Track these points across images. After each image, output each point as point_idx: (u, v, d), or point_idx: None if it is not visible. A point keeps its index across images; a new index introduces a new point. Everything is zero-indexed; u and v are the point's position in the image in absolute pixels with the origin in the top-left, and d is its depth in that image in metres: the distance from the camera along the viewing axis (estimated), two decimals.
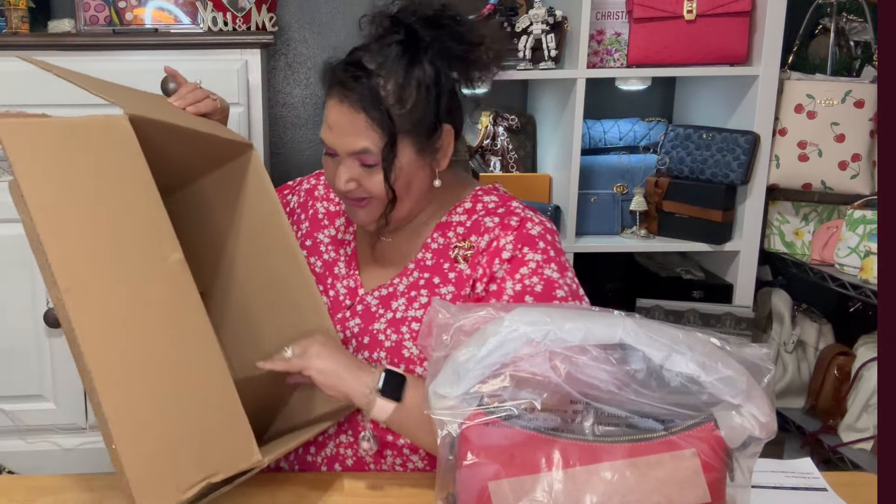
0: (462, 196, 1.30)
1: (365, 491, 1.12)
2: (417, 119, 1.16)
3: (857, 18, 2.20)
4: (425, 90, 1.16)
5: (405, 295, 1.24)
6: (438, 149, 1.21)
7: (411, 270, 1.26)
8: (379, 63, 1.16)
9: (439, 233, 1.27)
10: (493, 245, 1.21)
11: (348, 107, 1.16)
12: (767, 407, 0.82)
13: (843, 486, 1.09)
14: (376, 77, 1.15)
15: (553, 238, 1.24)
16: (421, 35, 1.17)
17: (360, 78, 1.15)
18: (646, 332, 0.83)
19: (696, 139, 2.16)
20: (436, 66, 1.17)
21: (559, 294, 1.17)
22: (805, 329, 2.28)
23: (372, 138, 1.15)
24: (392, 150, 1.16)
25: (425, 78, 1.16)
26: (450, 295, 1.21)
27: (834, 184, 2.11)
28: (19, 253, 1.92)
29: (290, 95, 2.38)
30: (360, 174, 1.19)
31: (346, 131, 1.17)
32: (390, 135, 1.15)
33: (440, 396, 0.86)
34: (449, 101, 1.19)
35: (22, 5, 1.88)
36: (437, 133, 1.19)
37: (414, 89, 1.15)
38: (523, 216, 1.25)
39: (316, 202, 1.40)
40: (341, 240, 1.35)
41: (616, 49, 2.13)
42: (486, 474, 0.82)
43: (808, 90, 2.10)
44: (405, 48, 1.16)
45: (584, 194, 2.16)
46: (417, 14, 1.18)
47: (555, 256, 1.21)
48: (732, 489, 0.84)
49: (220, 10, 1.90)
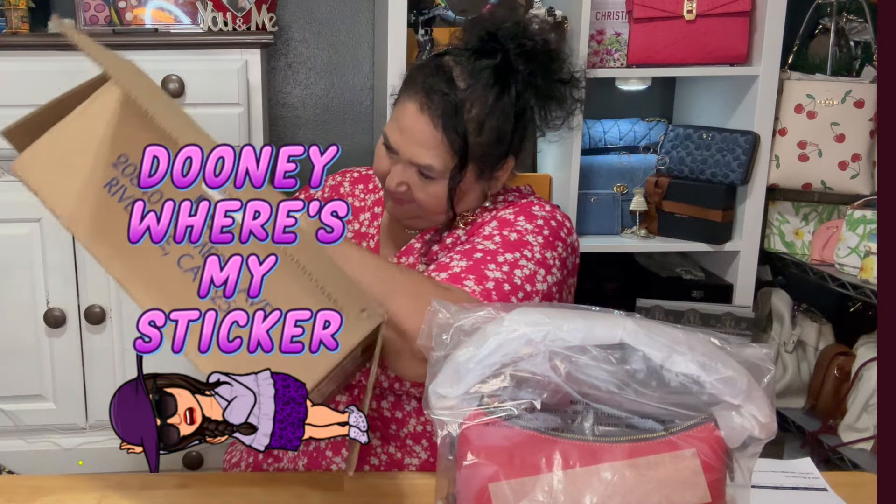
0: (482, 200, 1.30)
1: (365, 491, 1.12)
2: (490, 149, 1.17)
3: (857, 18, 2.20)
4: (505, 122, 1.16)
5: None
6: (498, 177, 1.22)
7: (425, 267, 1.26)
8: (470, 84, 1.15)
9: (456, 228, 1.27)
10: (497, 215, 1.22)
11: (427, 118, 1.15)
12: (767, 407, 0.82)
13: (843, 486, 1.09)
14: (463, 98, 1.14)
15: (559, 226, 1.22)
16: (515, 65, 1.16)
17: (448, 94, 1.14)
18: (646, 332, 0.83)
19: (696, 139, 2.16)
20: (522, 99, 1.16)
21: (526, 254, 1.13)
22: (805, 329, 2.28)
23: (441, 158, 1.15)
24: (460, 173, 1.16)
25: (508, 110, 1.16)
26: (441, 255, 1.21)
27: (834, 184, 2.11)
28: (19, 253, 1.92)
29: (290, 95, 2.38)
30: (414, 181, 1.19)
31: (417, 141, 1.16)
32: (461, 159, 1.15)
33: (440, 396, 0.86)
34: (523, 136, 1.20)
35: (22, 5, 1.88)
36: (502, 164, 1.20)
37: (496, 119, 1.15)
38: (535, 201, 1.25)
39: (343, 199, 1.40)
40: (364, 233, 1.36)
41: (616, 49, 2.13)
42: (485, 474, 0.82)
43: (808, 90, 2.10)
44: (498, 75, 1.15)
45: (584, 194, 2.16)
46: (518, 41, 1.17)
47: (547, 235, 1.19)
48: (732, 489, 0.83)
49: (220, 10, 1.90)
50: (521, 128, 1.20)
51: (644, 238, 2.21)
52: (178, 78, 1.83)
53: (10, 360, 1.96)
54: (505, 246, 1.14)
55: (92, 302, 1.94)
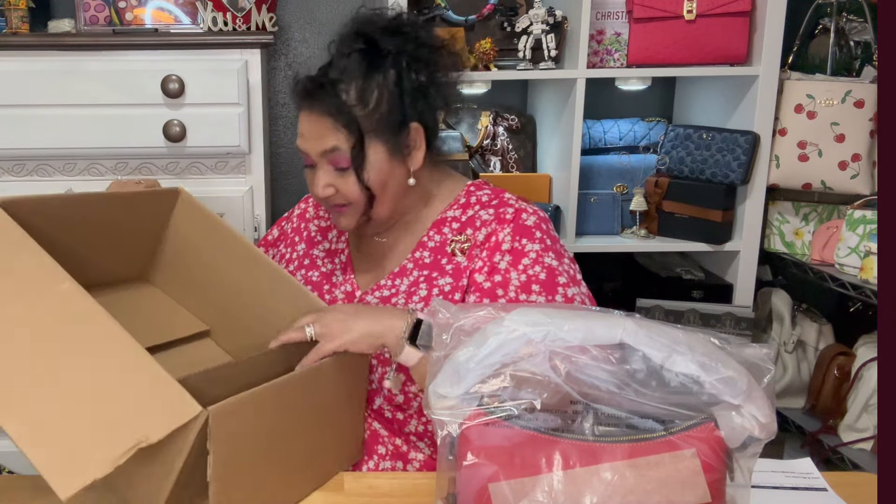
0: (455, 192, 1.33)
1: (365, 491, 1.12)
2: (383, 118, 1.22)
3: (857, 18, 2.20)
4: (388, 91, 1.22)
5: (405, 292, 1.27)
6: (410, 146, 1.25)
7: (410, 270, 1.28)
8: (341, 71, 1.23)
9: (435, 230, 1.30)
10: (491, 239, 1.24)
11: (317, 114, 1.23)
12: (767, 407, 0.82)
13: (843, 486, 1.09)
14: (339, 84, 1.22)
15: (547, 227, 1.28)
16: (382, 44, 1.23)
17: (325, 86, 1.23)
18: (646, 332, 0.83)
19: (696, 139, 2.16)
20: (397, 68, 1.23)
21: (561, 280, 1.21)
22: (805, 329, 2.28)
23: (339, 137, 1.21)
24: (361, 150, 1.21)
25: (387, 79, 1.22)
26: (448, 286, 1.24)
27: (834, 184, 2.11)
28: None
29: (290, 95, 2.38)
30: (335, 179, 1.24)
31: (316, 136, 1.23)
32: (358, 135, 1.21)
33: (440, 396, 0.86)
34: (414, 100, 1.24)
35: (22, 5, 1.88)
36: (405, 131, 1.24)
37: (375, 90, 1.22)
38: (518, 207, 1.28)
39: (308, 223, 1.46)
40: (334, 250, 1.40)
41: (616, 49, 2.13)
42: (485, 475, 0.82)
43: (808, 90, 2.10)
44: (365, 55, 1.23)
45: (584, 194, 2.16)
46: (376, 25, 1.26)
47: (551, 245, 1.25)
48: (732, 489, 0.83)
49: (220, 10, 1.90)
50: (409, 93, 1.24)
51: (644, 238, 2.21)
52: (178, 78, 1.83)
53: None
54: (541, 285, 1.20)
55: None
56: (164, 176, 1.94)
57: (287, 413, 1.01)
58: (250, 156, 1.92)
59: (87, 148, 1.88)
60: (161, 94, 1.84)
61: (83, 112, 1.86)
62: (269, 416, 0.97)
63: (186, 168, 1.94)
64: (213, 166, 1.93)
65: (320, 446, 1.10)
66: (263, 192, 1.96)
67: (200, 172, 1.94)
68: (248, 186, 1.94)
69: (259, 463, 0.97)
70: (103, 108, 1.86)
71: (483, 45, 2.05)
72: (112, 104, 1.86)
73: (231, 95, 1.86)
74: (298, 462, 1.05)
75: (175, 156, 1.92)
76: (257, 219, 1.95)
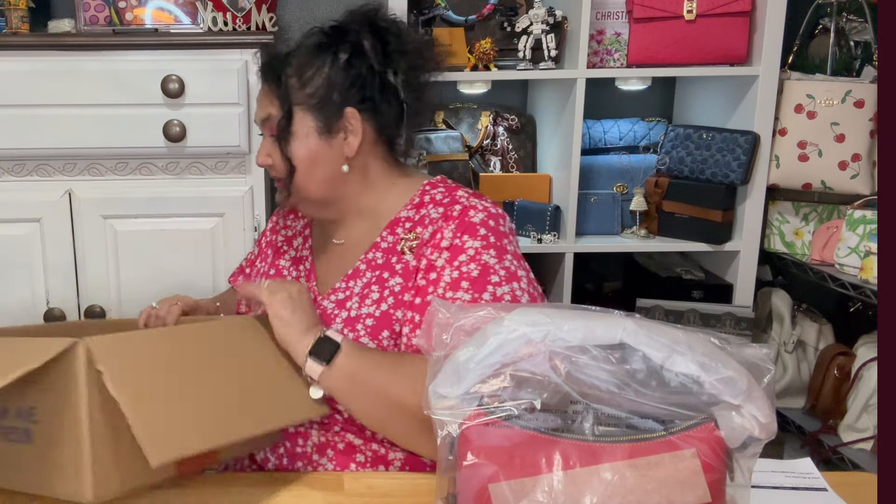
0: (410, 192, 1.33)
1: (365, 491, 1.12)
2: (317, 95, 1.26)
3: (857, 18, 2.20)
4: (329, 71, 1.26)
5: (359, 294, 1.27)
6: (344, 131, 1.27)
7: (363, 271, 1.29)
8: (297, 45, 1.30)
9: (388, 231, 1.31)
10: (436, 236, 1.24)
11: (264, 85, 1.31)
12: (767, 407, 0.82)
13: (843, 486, 1.09)
14: (287, 58, 1.29)
15: (497, 223, 1.25)
16: (345, 27, 1.29)
17: (273, 60, 1.31)
18: (646, 332, 0.83)
19: (696, 139, 2.16)
20: (350, 54, 1.27)
21: (493, 279, 1.19)
22: (805, 329, 2.28)
23: (273, 106, 1.27)
24: (289, 120, 1.26)
25: (335, 61, 1.27)
26: (398, 286, 1.24)
27: (834, 184, 2.11)
28: (19, 253, 1.92)
29: None
30: (271, 148, 1.29)
31: (260, 104, 1.31)
32: (287, 105, 1.26)
33: (440, 396, 0.86)
34: (360, 88, 1.27)
35: (22, 5, 1.88)
36: (338, 114, 1.26)
37: (316, 68, 1.26)
38: (466, 204, 1.27)
39: (276, 235, 1.48)
40: (300, 257, 1.41)
41: (616, 49, 2.13)
42: (485, 475, 0.82)
43: (808, 90, 2.10)
44: (324, 36, 1.29)
45: (584, 194, 2.16)
46: (355, 15, 1.30)
47: (494, 242, 1.23)
48: (732, 489, 0.83)
49: (220, 10, 1.90)
50: (356, 80, 1.27)
51: (644, 238, 2.21)
52: (178, 78, 1.83)
53: None
54: (471, 282, 1.18)
55: (92, 302, 1.94)
56: (164, 176, 1.94)
57: (194, 356, 1.05)
58: (250, 156, 1.92)
59: (87, 148, 1.89)
60: (161, 94, 1.84)
61: (83, 112, 1.86)
62: (166, 355, 1.02)
63: (186, 168, 1.94)
64: (213, 166, 1.93)
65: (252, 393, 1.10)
66: (263, 192, 1.96)
67: (200, 172, 1.94)
68: (248, 186, 1.94)
69: (173, 399, 0.98)
70: (103, 108, 1.86)
71: (483, 45, 2.06)
72: (112, 104, 1.86)
73: (231, 95, 1.86)
74: (225, 404, 1.05)
75: (175, 156, 1.92)
76: (257, 219, 1.96)
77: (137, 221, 1.94)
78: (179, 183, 1.95)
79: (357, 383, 1.12)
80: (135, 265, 1.93)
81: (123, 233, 1.94)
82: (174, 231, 1.93)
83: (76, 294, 1.94)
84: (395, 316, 1.23)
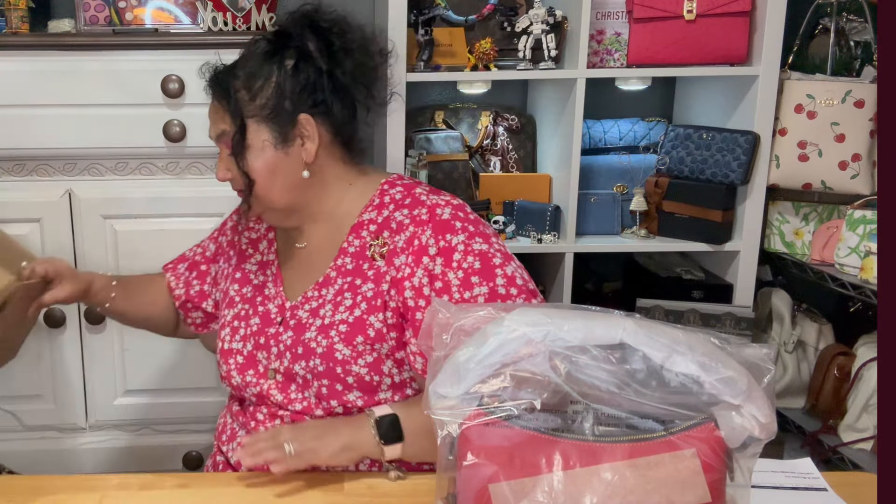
0: (369, 193, 1.32)
1: (365, 491, 1.12)
2: (267, 106, 1.24)
3: (857, 18, 2.20)
4: (277, 80, 1.24)
5: (331, 301, 1.27)
6: (301, 137, 1.26)
7: (334, 278, 1.28)
8: (242, 59, 1.28)
9: (354, 235, 1.29)
10: (414, 243, 1.23)
11: (213, 101, 1.29)
12: (767, 407, 0.82)
13: (843, 486, 1.09)
14: (233, 70, 1.27)
15: (465, 213, 1.27)
16: (291, 36, 1.27)
17: (220, 74, 1.28)
18: (646, 332, 0.83)
19: (696, 139, 2.16)
20: (296, 59, 1.25)
21: (496, 261, 1.21)
22: (805, 329, 2.28)
23: (227, 121, 1.26)
24: (243, 136, 1.24)
25: (282, 69, 1.25)
26: (370, 292, 1.24)
27: (834, 184, 2.11)
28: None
29: None
30: (229, 163, 1.28)
31: (212, 119, 1.29)
32: (240, 120, 1.24)
33: (440, 396, 0.86)
34: (310, 93, 1.25)
35: (22, 5, 1.88)
36: (292, 122, 1.25)
37: (262, 78, 1.24)
38: (430, 204, 1.27)
39: (240, 235, 1.45)
40: (266, 262, 1.40)
41: (616, 49, 2.13)
42: (485, 475, 0.82)
43: (808, 90, 2.10)
44: (269, 44, 1.27)
45: (583, 194, 2.16)
46: (294, 17, 1.29)
47: (474, 230, 1.24)
48: (732, 489, 0.83)
49: (220, 10, 1.90)
50: (307, 87, 1.25)
51: (644, 238, 2.21)
52: (178, 78, 1.83)
53: None
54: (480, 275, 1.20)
55: None
56: (164, 176, 1.94)
57: None
58: None
59: (87, 148, 1.89)
60: (161, 94, 1.84)
61: (83, 112, 1.86)
62: None
63: (186, 168, 1.94)
64: (212, 166, 1.93)
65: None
66: None
67: (200, 172, 1.94)
68: None
69: None
70: (103, 108, 1.87)
71: (483, 45, 2.05)
72: (112, 104, 1.86)
73: None
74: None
75: (175, 156, 1.92)
76: None
77: (137, 221, 1.94)
78: (179, 183, 1.95)
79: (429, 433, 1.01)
80: (135, 265, 1.93)
81: (123, 233, 1.94)
82: (174, 231, 1.93)
83: None
84: (368, 321, 1.23)
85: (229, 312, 1.38)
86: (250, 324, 1.34)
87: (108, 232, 1.93)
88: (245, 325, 1.35)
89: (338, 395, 1.25)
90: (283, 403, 1.29)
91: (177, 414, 2.05)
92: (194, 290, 1.50)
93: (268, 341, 1.31)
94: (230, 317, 1.38)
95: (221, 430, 1.41)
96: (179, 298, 1.51)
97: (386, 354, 1.23)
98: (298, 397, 1.28)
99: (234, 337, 1.35)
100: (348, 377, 1.23)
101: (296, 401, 1.28)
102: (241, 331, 1.35)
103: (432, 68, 2.03)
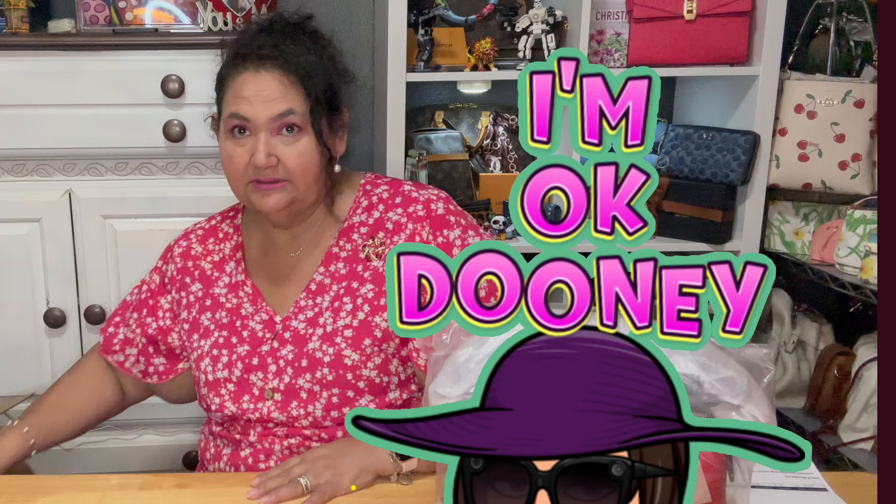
0: (353, 194, 1.31)
1: (365, 491, 1.12)
2: (328, 90, 1.22)
3: (857, 18, 2.20)
4: (325, 65, 1.23)
5: (330, 308, 1.24)
6: (339, 132, 1.27)
7: (328, 285, 1.26)
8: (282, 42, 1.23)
9: (344, 239, 1.27)
10: (416, 239, 1.23)
11: (269, 72, 1.19)
12: (767, 407, 0.82)
13: (843, 486, 1.09)
14: (291, 46, 1.21)
15: (454, 206, 1.29)
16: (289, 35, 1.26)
17: (279, 45, 1.20)
18: None
19: (696, 139, 2.16)
20: (332, 52, 1.27)
21: None
22: (805, 329, 2.28)
23: (297, 99, 1.18)
24: (321, 114, 1.20)
25: (323, 55, 1.24)
26: (371, 293, 1.22)
27: (834, 184, 2.11)
28: (19, 253, 1.92)
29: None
30: (279, 147, 1.19)
31: (267, 97, 1.18)
32: (315, 95, 1.19)
33: (440, 396, 0.86)
34: (344, 86, 1.27)
35: (22, 5, 1.88)
36: (340, 110, 1.25)
37: (322, 67, 1.23)
38: (423, 199, 1.27)
39: (199, 261, 1.37)
40: (236, 283, 1.33)
41: (616, 49, 2.13)
42: None
43: (808, 90, 2.10)
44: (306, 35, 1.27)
45: None
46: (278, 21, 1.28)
47: (465, 223, 1.27)
48: (732, 489, 0.83)
49: (220, 10, 1.90)
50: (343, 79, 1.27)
51: None
52: (178, 78, 1.83)
53: (10, 360, 1.96)
54: None
55: (92, 302, 1.94)
56: (164, 176, 1.94)
57: None
58: None
59: (87, 148, 1.88)
60: (161, 94, 1.84)
61: (83, 112, 1.86)
62: None
63: (186, 168, 1.94)
64: (212, 166, 1.93)
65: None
66: None
67: (200, 172, 1.94)
68: None
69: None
70: (103, 108, 1.86)
71: (483, 45, 2.05)
72: (112, 104, 1.86)
73: None
74: None
75: (175, 156, 1.92)
76: None
77: (137, 221, 1.94)
78: (179, 183, 1.94)
79: None
80: (135, 265, 1.93)
81: (123, 233, 1.94)
82: (174, 231, 1.92)
83: (76, 294, 1.94)
84: (374, 322, 1.22)
85: (206, 342, 1.31)
86: (234, 350, 1.28)
87: (108, 232, 1.93)
88: (228, 352, 1.29)
89: (349, 402, 1.23)
90: (285, 422, 1.26)
91: (177, 414, 2.05)
92: (151, 329, 1.37)
93: (262, 361, 1.26)
94: (207, 346, 1.31)
95: (205, 448, 1.36)
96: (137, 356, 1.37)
97: (392, 353, 1.23)
98: (302, 413, 1.24)
99: (216, 366, 1.29)
100: (359, 382, 1.22)
101: (299, 417, 1.24)
102: (222, 358, 1.29)
103: (432, 68, 2.03)
